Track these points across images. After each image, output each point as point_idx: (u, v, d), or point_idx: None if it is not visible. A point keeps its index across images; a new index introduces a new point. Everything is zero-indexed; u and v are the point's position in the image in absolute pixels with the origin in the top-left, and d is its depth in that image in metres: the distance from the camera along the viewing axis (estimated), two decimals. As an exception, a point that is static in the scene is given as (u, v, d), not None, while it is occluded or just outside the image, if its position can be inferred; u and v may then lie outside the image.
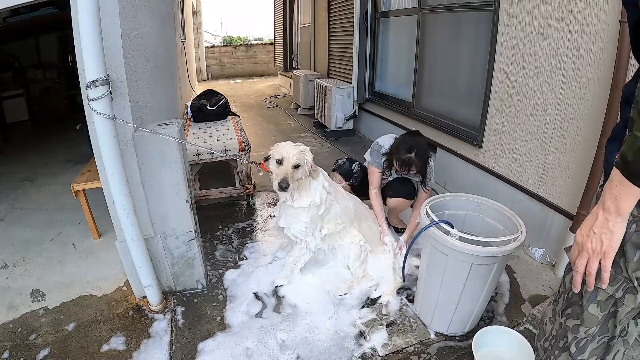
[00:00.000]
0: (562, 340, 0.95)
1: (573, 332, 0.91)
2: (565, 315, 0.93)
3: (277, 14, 8.86)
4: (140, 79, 1.68)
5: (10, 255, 2.19)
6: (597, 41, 1.62)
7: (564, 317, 0.94)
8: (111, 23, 1.40)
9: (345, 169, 2.34)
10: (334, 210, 1.87)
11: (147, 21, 1.91)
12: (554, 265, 1.95)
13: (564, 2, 1.73)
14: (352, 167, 2.34)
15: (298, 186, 1.72)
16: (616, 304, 0.83)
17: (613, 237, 0.77)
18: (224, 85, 9.73)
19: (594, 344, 0.90)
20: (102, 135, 1.36)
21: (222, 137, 2.93)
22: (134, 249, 1.57)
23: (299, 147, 1.70)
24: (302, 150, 1.70)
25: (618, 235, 0.77)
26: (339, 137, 4.52)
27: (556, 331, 0.98)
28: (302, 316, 1.69)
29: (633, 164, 0.67)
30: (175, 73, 3.55)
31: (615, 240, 0.78)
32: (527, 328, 1.60)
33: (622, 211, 0.75)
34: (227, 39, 21.57)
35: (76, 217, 2.55)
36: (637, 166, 0.67)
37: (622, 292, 0.81)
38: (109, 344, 1.56)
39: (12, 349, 1.54)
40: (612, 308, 0.84)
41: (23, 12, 3.65)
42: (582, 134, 1.76)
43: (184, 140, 1.68)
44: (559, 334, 0.96)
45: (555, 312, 0.98)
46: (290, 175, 1.63)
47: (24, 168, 3.54)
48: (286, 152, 1.66)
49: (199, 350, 1.53)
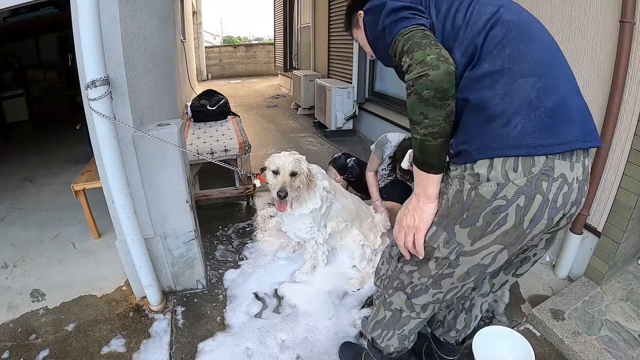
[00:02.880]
0: (396, 281, 1.07)
1: (408, 277, 1.03)
2: (402, 260, 1.05)
3: (277, 14, 8.86)
4: (140, 79, 1.68)
5: (10, 255, 2.19)
6: (597, 41, 1.62)
7: (400, 262, 1.05)
8: (111, 23, 1.40)
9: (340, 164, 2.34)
10: (335, 207, 1.88)
11: (147, 21, 1.91)
12: (554, 265, 1.95)
13: (564, 2, 1.73)
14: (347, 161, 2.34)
15: (297, 196, 1.71)
16: (451, 265, 0.93)
17: (423, 214, 0.94)
18: (224, 85, 9.73)
19: (427, 296, 1.02)
20: (102, 135, 1.36)
21: (222, 137, 2.93)
22: (134, 249, 1.57)
23: (294, 155, 1.69)
24: (298, 158, 1.69)
25: (428, 213, 0.93)
26: (339, 137, 4.52)
27: (391, 272, 1.09)
28: (302, 316, 1.69)
29: (420, 158, 0.88)
30: (175, 73, 3.55)
31: (425, 217, 0.94)
32: (527, 328, 1.61)
33: (428, 194, 0.92)
34: (227, 39, 21.57)
35: (76, 217, 2.55)
36: (422, 159, 0.87)
37: (455, 254, 0.91)
38: (109, 344, 1.56)
39: (12, 349, 1.54)
40: (448, 269, 0.94)
41: (23, 12, 3.65)
42: (582, 134, 1.76)
43: (183, 148, 1.68)
44: (393, 275, 1.08)
45: (392, 256, 1.10)
46: (288, 184, 1.62)
47: (24, 168, 3.54)
48: (281, 161, 1.65)
49: (199, 350, 1.53)
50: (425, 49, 0.79)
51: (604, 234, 1.71)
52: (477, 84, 0.82)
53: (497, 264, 0.91)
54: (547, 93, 0.79)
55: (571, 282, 1.81)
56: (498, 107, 0.80)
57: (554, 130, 0.79)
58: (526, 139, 0.78)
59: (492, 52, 0.82)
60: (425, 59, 0.77)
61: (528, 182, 0.79)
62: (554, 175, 0.80)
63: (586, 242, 1.80)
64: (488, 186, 0.82)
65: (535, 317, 1.59)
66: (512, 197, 0.81)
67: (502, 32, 0.83)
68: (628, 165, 1.57)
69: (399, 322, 1.14)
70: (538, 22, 0.93)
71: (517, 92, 0.79)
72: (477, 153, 0.82)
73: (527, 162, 0.79)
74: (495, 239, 0.86)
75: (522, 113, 0.78)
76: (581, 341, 1.45)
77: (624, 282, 1.75)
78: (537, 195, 0.80)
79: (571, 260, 1.86)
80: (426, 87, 0.77)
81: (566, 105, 0.81)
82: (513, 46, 0.82)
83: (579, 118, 0.82)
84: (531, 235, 0.86)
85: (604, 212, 1.70)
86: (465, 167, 0.86)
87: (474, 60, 0.84)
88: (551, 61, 0.84)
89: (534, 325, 1.61)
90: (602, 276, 1.72)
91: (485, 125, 0.81)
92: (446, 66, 0.77)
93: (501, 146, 0.79)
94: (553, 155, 0.79)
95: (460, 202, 0.87)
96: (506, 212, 0.82)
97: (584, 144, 0.81)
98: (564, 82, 0.83)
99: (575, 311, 1.59)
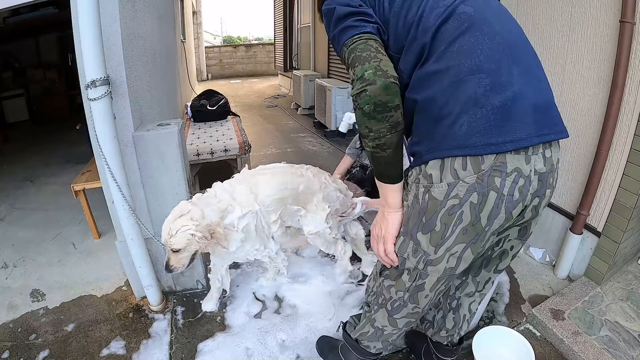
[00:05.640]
0: (381, 297, 1.09)
1: (388, 292, 1.05)
2: (383, 275, 1.07)
3: (277, 14, 8.85)
4: (140, 79, 1.68)
5: (10, 255, 2.19)
6: (597, 41, 1.62)
7: (382, 277, 1.08)
8: (111, 23, 1.40)
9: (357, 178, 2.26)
10: (264, 221, 1.56)
11: (147, 21, 1.91)
12: (554, 265, 1.95)
13: (564, 2, 1.73)
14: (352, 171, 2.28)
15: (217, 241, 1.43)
16: (421, 276, 0.95)
17: (388, 224, 0.96)
18: (224, 85, 9.73)
19: (407, 309, 1.04)
20: (102, 135, 1.35)
21: (222, 137, 2.93)
22: (134, 249, 1.57)
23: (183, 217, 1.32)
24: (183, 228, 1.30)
25: (392, 223, 0.95)
26: (338, 137, 4.52)
27: (376, 288, 1.11)
28: (302, 317, 1.69)
29: (375, 169, 0.91)
30: (175, 73, 3.55)
31: (389, 227, 0.96)
32: (527, 328, 1.61)
33: (389, 204, 0.94)
34: (227, 39, 21.56)
35: (76, 217, 2.55)
36: (376, 170, 0.90)
37: (422, 264, 0.92)
38: (108, 344, 1.56)
39: (12, 349, 1.54)
40: (419, 280, 0.96)
41: (23, 12, 3.65)
42: (582, 134, 1.76)
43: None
44: (378, 292, 1.10)
45: (377, 271, 1.12)
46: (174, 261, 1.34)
47: (24, 168, 3.54)
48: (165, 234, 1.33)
49: (198, 350, 1.53)
50: (364, 64, 0.78)
51: (604, 234, 1.71)
52: (425, 83, 0.81)
53: (464, 264, 0.91)
54: (495, 90, 0.77)
55: (571, 282, 1.81)
56: (444, 107, 0.79)
57: (503, 129, 0.77)
58: (473, 139, 0.77)
59: (440, 49, 0.80)
60: (363, 75, 0.77)
61: (479, 179, 0.79)
62: (507, 171, 0.79)
63: (586, 242, 1.80)
64: (440, 187, 0.82)
65: (535, 317, 1.59)
66: (464, 195, 0.80)
67: (454, 26, 0.80)
68: (628, 165, 1.57)
69: (382, 336, 1.16)
70: (503, 12, 0.88)
71: (463, 91, 0.77)
72: (427, 154, 0.83)
73: (476, 160, 0.78)
74: (455, 239, 0.86)
75: (468, 112, 0.77)
76: (581, 341, 1.45)
77: (624, 282, 1.75)
78: (490, 191, 0.79)
79: (571, 260, 1.86)
80: (366, 102, 0.78)
81: (518, 101, 0.78)
82: (463, 41, 0.79)
83: (534, 113, 0.79)
84: (492, 230, 0.86)
85: (604, 212, 1.70)
86: (420, 168, 0.86)
87: (422, 58, 0.82)
88: (506, 55, 0.80)
89: (534, 325, 1.61)
90: (602, 276, 1.72)
91: (433, 125, 0.81)
92: (383, 80, 0.77)
93: (449, 147, 0.79)
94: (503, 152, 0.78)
95: (417, 207, 0.88)
96: (461, 210, 0.82)
97: (538, 139, 0.80)
98: (519, 76, 0.80)
99: (575, 311, 1.59)
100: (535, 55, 0.87)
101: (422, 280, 0.95)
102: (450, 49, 0.79)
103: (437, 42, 0.80)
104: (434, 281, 0.95)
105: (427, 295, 0.99)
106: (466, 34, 0.79)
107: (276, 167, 1.68)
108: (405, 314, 1.06)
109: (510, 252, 1.05)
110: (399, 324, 1.09)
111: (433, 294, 0.99)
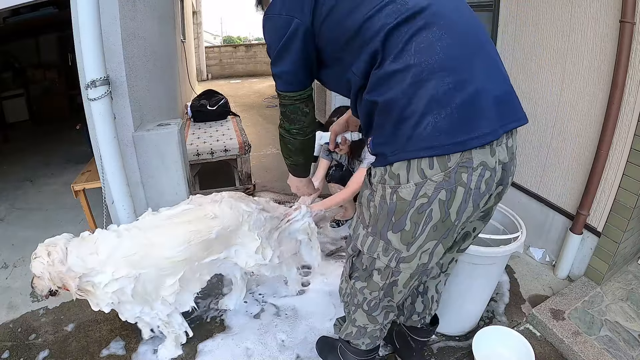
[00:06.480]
0: (356, 298, 1.11)
1: (361, 294, 1.07)
2: (353, 278, 1.08)
3: (277, 14, 8.82)
4: (140, 79, 1.68)
5: (10, 255, 2.19)
6: (597, 41, 1.62)
7: (352, 279, 1.09)
8: (111, 23, 1.40)
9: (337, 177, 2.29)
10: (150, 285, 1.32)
11: (147, 21, 1.91)
12: (554, 265, 1.95)
13: (564, 2, 1.73)
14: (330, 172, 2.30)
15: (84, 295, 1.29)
16: (394, 274, 0.97)
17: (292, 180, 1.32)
18: (224, 85, 9.72)
19: (383, 302, 1.07)
20: (102, 135, 1.36)
21: (222, 137, 2.93)
22: (134, 249, 1.57)
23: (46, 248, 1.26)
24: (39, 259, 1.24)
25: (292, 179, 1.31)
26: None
27: (350, 289, 1.13)
28: (302, 317, 1.69)
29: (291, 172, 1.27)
30: (175, 73, 3.55)
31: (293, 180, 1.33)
32: (527, 328, 1.61)
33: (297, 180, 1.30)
34: (227, 39, 21.53)
35: (76, 217, 2.55)
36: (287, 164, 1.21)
37: (395, 262, 0.93)
38: (108, 344, 1.56)
39: (12, 349, 1.54)
40: (392, 277, 0.98)
41: (23, 12, 3.65)
42: (582, 134, 1.76)
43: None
44: (352, 293, 1.12)
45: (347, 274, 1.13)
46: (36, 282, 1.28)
47: (24, 168, 3.54)
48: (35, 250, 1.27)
49: (198, 350, 1.53)
50: (292, 123, 1.03)
51: (604, 234, 1.71)
52: (384, 84, 0.80)
53: (436, 258, 0.93)
54: (457, 88, 0.76)
55: (571, 282, 1.81)
56: (407, 107, 0.78)
57: (468, 126, 0.77)
58: (439, 139, 0.77)
59: (397, 48, 0.77)
60: (291, 130, 1.05)
61: (446, 177, 0.79)
62: (473, 166, 0.79)
63: (586, 242, 1.80)
64: (407, 187, 0.82)
65: (535, 317, 1.59)
66: (432, 194, 0.81)
67: (409, 24, 0.77)
68: (628, 165, 1.57)
69: (367, 333, 1.17)
70: (460, 5, 0.86)
71: (425, 91, 0.76)
72: (393, 155, 0.82)
73: (442, 159, 0.78)
74: (427, 236, 0.87)
75: (433, 112, 0.76)
76: (581, 341, 1.45)
77: (624, 282, 1.75)
78: (458, 187, 0.80)
79: (571, 260, 1.86)
80: (287, 142, 1.09)
81: (481, 97, 0.77)
82: (420, 38, 0.77)
83: (496, 105, 0.79)
84: (461, 223, 0.87)
85: (604, 212, 1.70)
86: (385, 169, 0.86)
87: (377, 59, 0.80)
88: (464, 51, 0.79)
89: (534, 325, 1.61)
90: (602, 276, 1.72)
91: (397, 126, 0.80)
92: (301, 138, 1.06)
93: (415, 148, 0.79)
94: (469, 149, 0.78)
95: (385, 208, 0.88)
96: (430, 208, 0.82)
97: (502, 130, 0.80)
98: (480, 69, 0.79)
99: (575, 311, 1.59)
100: (490, 41, 0.87)
101: (395, 277, 0.97)
102: (409, 47, 0.77)
103: (394, 41, 0.78)
104: (407, 277, 0.97)
105: (400, 291, 1.01)
106: (423, 31, 0.77)
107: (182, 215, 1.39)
108: (381, 308, 1.09)
109: (472, 234, 1.06)
110: (379, 319, 1.12)
111: (407, 290, 1.01)
